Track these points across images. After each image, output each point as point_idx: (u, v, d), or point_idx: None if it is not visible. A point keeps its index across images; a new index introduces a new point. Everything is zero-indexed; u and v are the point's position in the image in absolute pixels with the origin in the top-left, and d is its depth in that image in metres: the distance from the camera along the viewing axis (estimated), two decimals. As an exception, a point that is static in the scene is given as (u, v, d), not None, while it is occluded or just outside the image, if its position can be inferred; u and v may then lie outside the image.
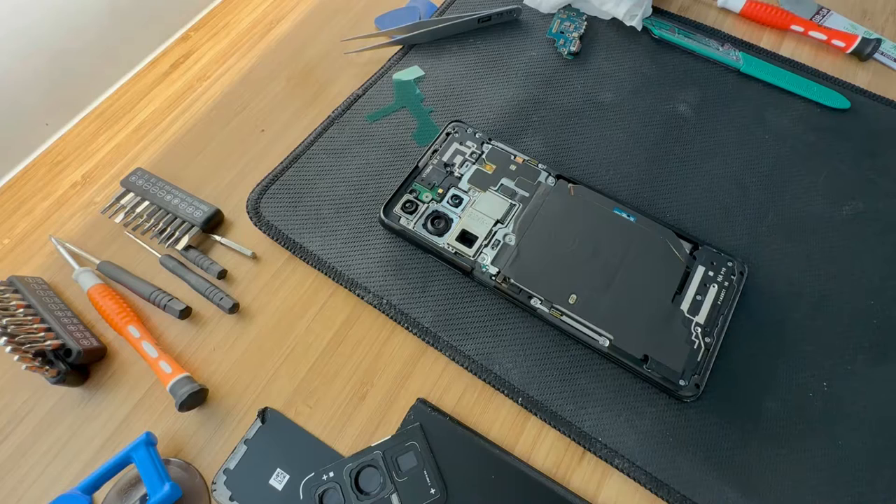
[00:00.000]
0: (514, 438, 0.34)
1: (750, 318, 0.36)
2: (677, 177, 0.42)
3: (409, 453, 0.32)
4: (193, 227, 0.39)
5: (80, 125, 0.46)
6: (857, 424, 0.33)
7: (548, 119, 0.44)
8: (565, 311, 0.35)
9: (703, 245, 0.37)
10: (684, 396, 0.33)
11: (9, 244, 0.41)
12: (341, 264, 0.38)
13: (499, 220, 0.38)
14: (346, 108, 0.45)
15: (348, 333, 0.37)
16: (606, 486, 0.32)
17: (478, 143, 0.41)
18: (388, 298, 0.37)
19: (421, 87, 0.46)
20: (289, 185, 0.41)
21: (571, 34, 0.48)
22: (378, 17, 0.51)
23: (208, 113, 0.46)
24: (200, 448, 0.33)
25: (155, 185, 0.41)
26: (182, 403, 0.32)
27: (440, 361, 0.36)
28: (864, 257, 0.38)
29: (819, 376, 0.34)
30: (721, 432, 0.33)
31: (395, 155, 0.43)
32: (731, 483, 0.31)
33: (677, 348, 0.34)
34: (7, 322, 0.33)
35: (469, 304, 0.37)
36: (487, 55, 0.48)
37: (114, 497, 0.32)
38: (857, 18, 0.51)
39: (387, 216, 0.38)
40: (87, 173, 0.44)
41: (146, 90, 0.48)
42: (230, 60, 0.50)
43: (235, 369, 0.36)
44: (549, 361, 0.35)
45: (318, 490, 0.31)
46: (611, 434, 0.33)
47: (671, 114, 0.45)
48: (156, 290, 0.37)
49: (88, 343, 0.35)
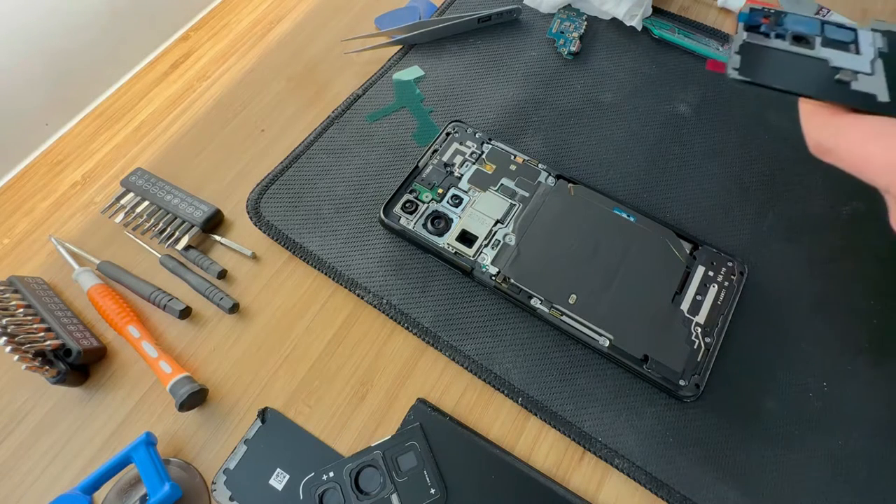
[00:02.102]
0: (514, 438, 0.34)
1: (750, 318, 0.36)
2: (677, 177, 0.42)
3: (409, 453, 0.32)
4: (193, 227, 0.39)
5: (80, 125, 0.46)
6: (856, 424, 0.33)
7: (548, 119, 0.44)
8: (565, 311, 0.35)
9: (703, 245, 0.37)
10: (684, 396, 0.33)
11: (9, 244, 0.41)
12: (341, 264, 0.38)
13: (499, 220, 0.38)
14: (346, 108, 0.45)
15: (348, 333, 0.37)
16: (606, 486, 0.32)
17: (478, 143, 0.41)
18: (388, 298, 0.37)
19: (421, 87, 0.46)
20: (289, 185, 0.41)
21: (571, 34, 0.48)
22: (378, 17, 0.51)
23: (208, 113, 0.46)
24: (200, 448, 0.33)
25: (155, 185, 0.41)
26: (182, 403, 0.32)
27: (440, 361, 0.36)
28: (863, 257, 0.38)
29: (819, 376, 0.34)
30: (721, 432, 0.33)
31: (395, 155, 0.43)
32: (731, 483, 0.31)
33: (677, 348, 0.34)
34: (7, 322, 0.33)
35: (469, 304, 0.37)
36: (487, 55, 0.48)
37: (114, 497, 0.32)
38: (857, 18, 0.51)
39: (387, 216, 0.38)
40: (87, 173, 0.44)
41: (146, 90, 0.48)
42: (230, 60, 0.50)
43: (235, 369, 0.36)
44: (549, 361, 0.35)
45: (318, 490, 0.31)
46: (611, 434, 0.33)
47: (671, 114, 0.45)
48: (156, 290, 0.37)
49: (88, 343, 0.35)
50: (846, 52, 0.27)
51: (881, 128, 0.21)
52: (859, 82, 0.26)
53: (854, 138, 0.22)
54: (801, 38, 0.28)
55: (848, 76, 0.26)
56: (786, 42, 0.28)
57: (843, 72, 0.26)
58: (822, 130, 0.24)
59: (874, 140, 0.21)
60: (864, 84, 0.25)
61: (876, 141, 0.21)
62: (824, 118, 0.24)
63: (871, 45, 0.27)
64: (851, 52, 0.27)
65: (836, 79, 0.26)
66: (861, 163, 0.22)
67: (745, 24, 0.29)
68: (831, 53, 0.27)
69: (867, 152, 0.21)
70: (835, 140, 0.23)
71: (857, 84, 0.26)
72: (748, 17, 0.30)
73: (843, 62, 0.27)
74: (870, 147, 0.21)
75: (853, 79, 0.26)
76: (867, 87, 0.25)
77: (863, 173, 0.22)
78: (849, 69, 0.26)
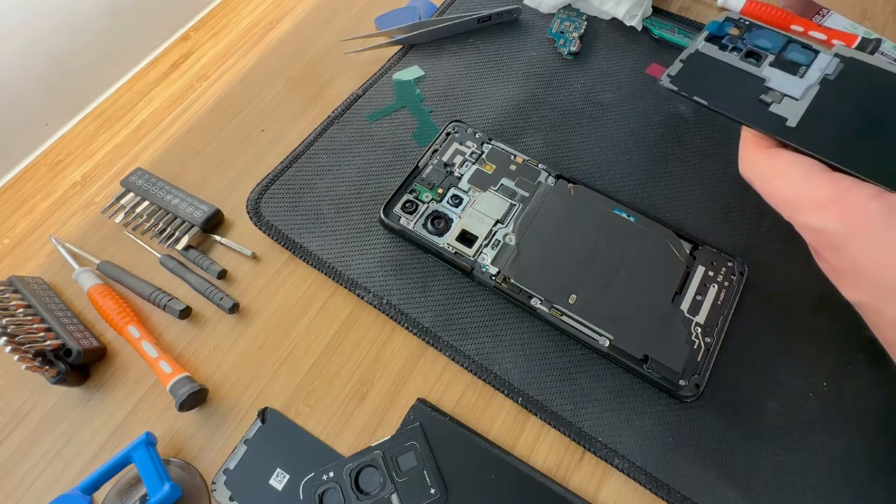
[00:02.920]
0: (514, 438, 0.34)
1: (750, 318, 0.36)
2: (677, 177, 0.42)
3: (409, 453, 0.32)
4: (193, 227, 0.39)
5: (80, 125, 0.46)
6: (856, 424, 0.33)
7: (548, 119, 0.44)
8: (565, 311, 0.35)
9: (703, 245, 0.37)
10: (684, 396, 0.33)
11: (9, 244, 0.41)
12: (341, 264, 0.38)
13: (499, 220, 0.38)
14: (346, 108, 0.45)
15: (348, 333, 0.37)
16: (606, 486, 0.32)
17: (478, 143, 0.41)
18: (388, 298, 0.37)
19: (421, 87, 0.46)
20: (289, 185, 0.41)
21: (571, 34, 0.48)
22: (378, 17, 0.51)
23: (208, 113, 0.46)
24: (200, 448, 0.33)
25: (155, 185, 0.41)
26: (182, 403, 0.32)
27: (440, 361, 0.36)
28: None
29: (819, 376, 0.34)
30: (721, 432, 0.33)
31: (395, 155, 0.43)
32: (731, 483, 0.31)
33: (677, 348, 0.34)
34: (7, 322, 0.33)
35: (469, 304, 0.37)
36: (487, 55, 0.48)
37: (114, 497, 0.32)
38: (857, 18, 0.51)
39: (387, 216, 0.38)
40: (87, 173, 0.44)
41: (146, 90, 0.48)
42: (230, 60, 0.50)
43: (235, 369, 0.36)
44: (549, 361, 0.35)
45: (318, 490, 0.31)
46: (611, 434, 0.33)
47: (671, 114, 0.45)
48: (156, 290, 0.37)
49: (88, 343, 0.35)
50: (792, 74, 0.27)
51: (784, 166, 0.23)
52: (780, 105, 0.26)
53: (765, 172, 0.24)
54: (753, 53, 0.28)
55: (772, 98, 0.26)
56: (736, 57, 0.28)
57: (770, 93, 0.26)
58: (746, 162, 0.26)
59: (779, 176, 0.23)
60: (784, 108, 0.26)
61: (780, 178, 0.23)
62: (751, 150, 0.25)
63: (819, 71, 0.27)
64: (798, 75, 0.27)
65: (759, 98, 0.26)
66: (769, 195, 0.24)
67: (707, 34, 0.29)
68: (773, 74, 0.27)
69: (773, 186, 0.23)
70: (752, 172, 0.25)
71: (776, 107, 0.26)
72: (717, 27, 0.30)
73: (778, 83, 0.27)
74: (775, 182, 0.23)
75: (776, 101, 0.26)
76: (784, 111, 0.26)
77: (773, 205, 0.24)
78: (778, 91, 0.26)
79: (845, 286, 0.22)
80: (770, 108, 0.26)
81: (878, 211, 0.19)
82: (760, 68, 0.28)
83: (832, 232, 0.20)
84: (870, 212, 0.19)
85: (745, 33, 0.29)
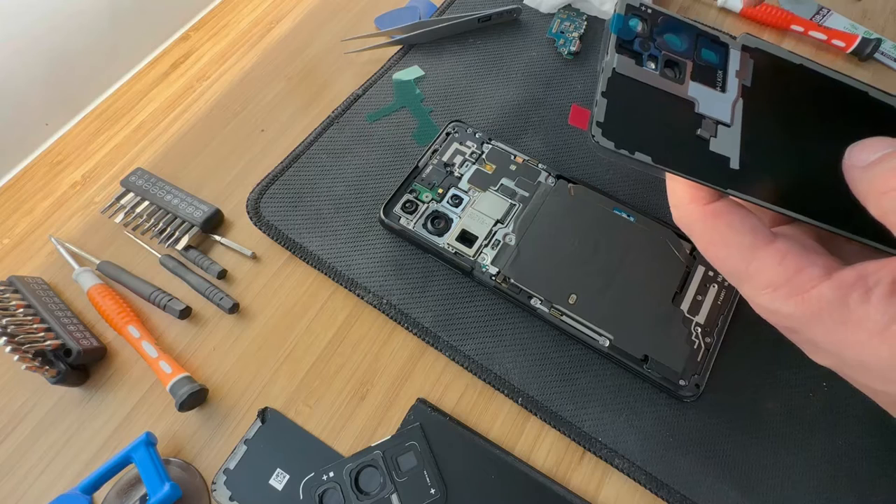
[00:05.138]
0: (514, 438, 0.34)
1: (750, 317, 0.36)
2: (677, 177, 0.42)
3: (409, 453, 0.32)
4: (193, 227, 0.39)
5: (80, 125, 0.46)
6: (856, 424, 0.33)
7: (548, 119, 0.44)
8: (565, 311, 0.35)
9: (703, 245, 0.37)
10: (684, 396, 0.33)
11: (9, 244, 0.41)
12: (341, 264, 0.38)
13: (499, 220, 0.38)
14: (346, 108, 0.45)
15: (348, 333, 0.37)
16: (606, 486, 0.32)
17: (478, 142, 0.41)
18: (388, 298, 0.37)
19: (421, 86, 0.46)
20: (289, 185, 0.41)
21: (571, 34, 0.48)
22: (378, 17, 0.51)
23: (208, 113, 0.46)
24: (200, 448, 0.33)
25: (155, 185, 0.41)
26: (182, 403, 0.32)
27: (440, 361, 0.36)
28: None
29: (818, 376, 0.34)
30: (721, 432, 0.33)
31: (395, 155, 0.43)
32: (731, 483, 0.31)
33: (677, 348, 0.34)
34: (7, 322, 0.33)
35: (469, 304, 0.37)
36: (487, 55, 0.48)
37: (114, 497, 0.32)
38: (858, 18, 0.51)
39: (387, 216, 0.38)
40: (87, 173, 0.44)
41: (146, 90, 0.48)
42: (230, 60, 0.50)
43: (235, 369, 0.36)
44: (549, 361, 0.35)
45: (318, 490, 0.31)
46: (611, 434, 0.33)
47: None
48: (156, 290, 0.37)
49: (88, 343, 0.35)
50: (713, 88, 0.21)
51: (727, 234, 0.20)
52: (718, 139, 0.20)
53: (707, 238, 0.21)
54: (671, 63, 0.21)
55: (707, 130, 0.20)
56: (656, 73, 0.21)
57: (704, 122, 0.20)
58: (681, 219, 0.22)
59: (723, 247, 0.20)
60: (721, 142, 0.20)
61: (724, 248, 0.20)
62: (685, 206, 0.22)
63: (735, 77, 0.21)
64: (717, 87, 0.21)
65: (696, 134, 0.20)
66: (712, 261, 0.21)
67: (617, 41, 0.21)
68: (699, 92, 0.21)
69: (716, 255, 0.21)
70: (689, 231, 0.22)
71: (714, 143, 0.20)
72: (622, 25, 0.21)
73: (707, 106, 0.20)
74: (719, 252, 0.21)
75: (712, 133, 0.20)
76: (723, 146, 0.20)
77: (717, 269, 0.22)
78: (711, 119, 0.20)
79: (809, 354, 0.21)
80: (710, 147, 0.20)
81: (832, 294, 0.18)
82: (684, 85, 0.21)
83: (786, 314, 0.19)
84: (823, 295, 0.18)
85: (655, 30, 0.21)
